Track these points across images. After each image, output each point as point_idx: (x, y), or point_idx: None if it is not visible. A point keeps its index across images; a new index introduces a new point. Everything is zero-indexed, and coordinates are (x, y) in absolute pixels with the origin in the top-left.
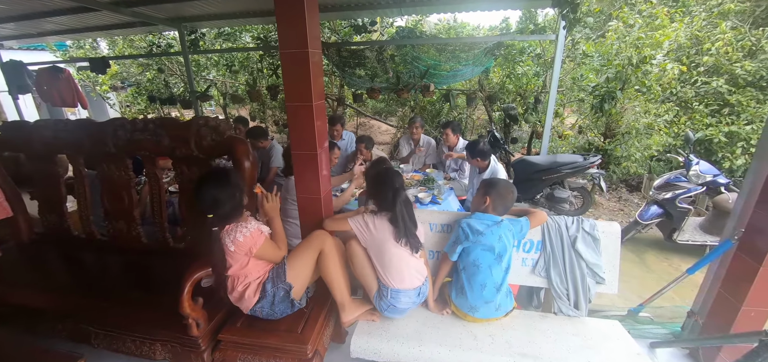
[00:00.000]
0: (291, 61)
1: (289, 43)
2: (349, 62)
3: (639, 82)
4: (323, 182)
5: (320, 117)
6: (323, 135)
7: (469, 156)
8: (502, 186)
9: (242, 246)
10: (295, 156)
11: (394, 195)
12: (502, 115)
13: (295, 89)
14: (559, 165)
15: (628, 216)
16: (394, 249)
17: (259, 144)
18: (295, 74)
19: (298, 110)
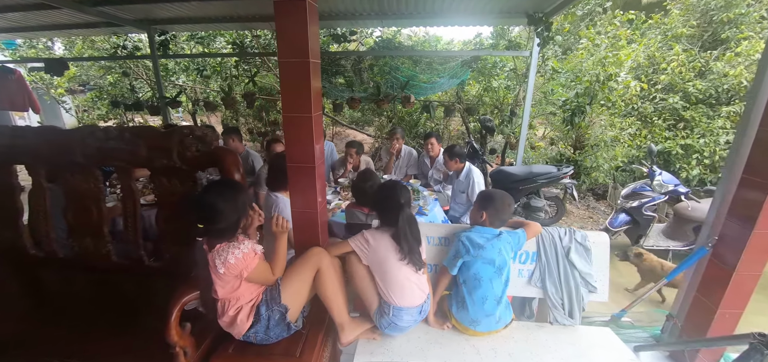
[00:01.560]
0: (291, 71)
1: (290, 52)
2: (328, 71)
3: (605, 97)
4: (320, 196)
5: (319, 129)
6: (320, 147)
7: (447, 158)
8: (498, 199)
9: (233, 269)
10: (292, 169)
11: (398, 211)
12: (478, 126)
13: (294, 100)
14: (535, 175)
15: (596, 223)
16: (397, 265)
17: (231, 143)
18: (294, 84)
19: (296, 122)
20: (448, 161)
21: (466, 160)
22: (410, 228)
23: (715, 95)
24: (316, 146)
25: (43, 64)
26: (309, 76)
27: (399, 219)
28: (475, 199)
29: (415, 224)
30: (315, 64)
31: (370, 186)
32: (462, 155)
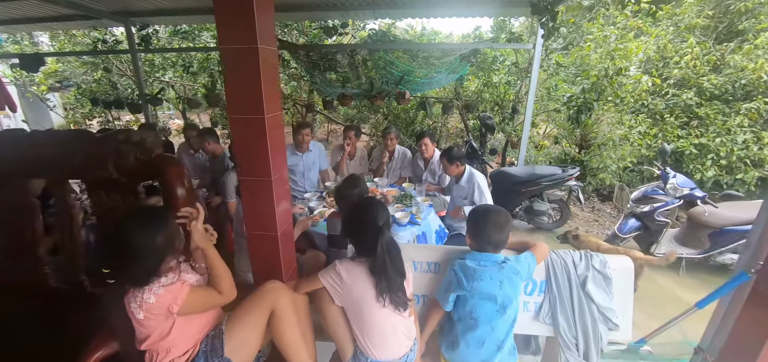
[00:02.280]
0: (235, 61)
1: (232, 37)
2: (319, 66)
3: (613, 93)
4: (281, 217)
5: (276, 133)
6: (280, 156)
7: (446, 163)
8: (481, 218)
9: (156, 308)
10: (244, 183)
11: (376, 236)
12: (477, 124)
13: (240, 97)
14: (538, 177)
15: (602, 226)
16: (377, 308)
17: (208, 146)
18: (240, 78)
19: (244, 125)
20: (448, 166)
21: (465, 162)
22: (391, 258)
23: (732, 91)
24: (272, 155)
25: (18, 60)
26: (258, 67)
27: (377, 246)
28: (466, 222)
29: (397, 253)
30: (268, 52)
31: (357, 193)
32: (462, 157)
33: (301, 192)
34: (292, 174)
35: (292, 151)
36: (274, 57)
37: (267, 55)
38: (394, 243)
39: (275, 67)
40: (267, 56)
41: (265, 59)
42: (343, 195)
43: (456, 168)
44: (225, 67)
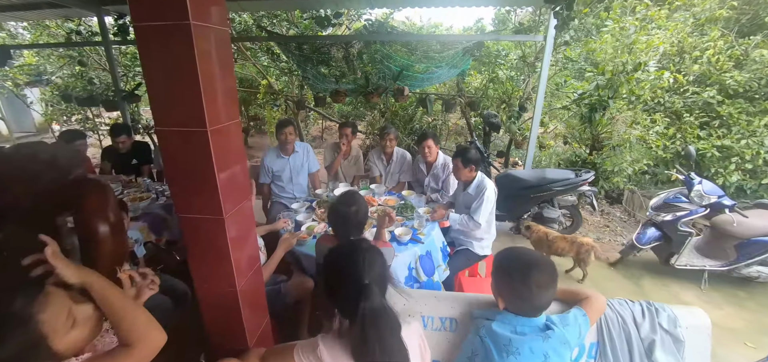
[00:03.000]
0: (155, 47)
1: (150, 9)
2: (312, 59)
3: (630, 90)
4: (245, 265)
5: (230, 150)
6: (239, 183)
7: (460, 165)
8: (534, 275)
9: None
10: (185, 222)
11: (357, 297)
12: (479, 122)
13: (167, 101)
14: (549, 182)
15: (614, 232)
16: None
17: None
18: (164, 73)
19: (177, 141)
20: (461, 169)
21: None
22: (379, 335)
23: (757, 88)
24: (221, 184)
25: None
26: (193, 55)
27: (358, 312)
28: (492, 272)
29: (389, 327)
30: (210, 34)
31: (354, 213)
32: (478, 162)
33: (290, 200)
34: (279, 180)
35: (276, 154)
36: (223, 41)
37: (207, 37)
38: (383, 312)
39: (226, 57)
40: (208, 39)
41: (203, 43)
42: (338, 215)
43: (469, 172)
44: (142, 56)
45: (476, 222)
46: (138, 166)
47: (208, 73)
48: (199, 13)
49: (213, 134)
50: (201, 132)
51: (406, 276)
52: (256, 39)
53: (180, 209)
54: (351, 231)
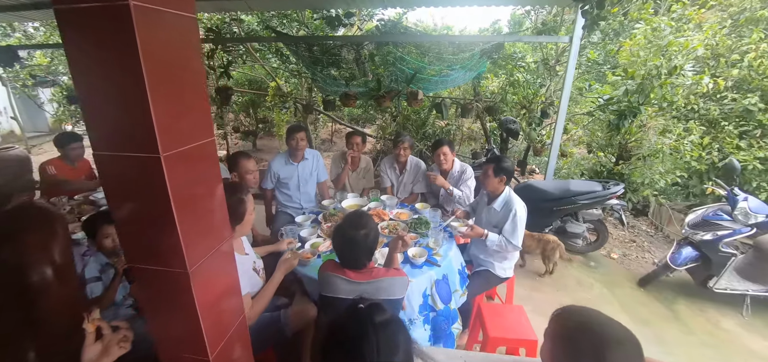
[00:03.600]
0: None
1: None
2: (322, 61)
3: (663, 96)
4: (224, 324)
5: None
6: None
7: (491, 174)
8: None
9: None
10: (137, 274)
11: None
12: (494, 127)
13: (103, 115)
14: (574, 194)
15: (641, 247)
16: None
17: None
18: (99, 73)
19: (119, 170)
20: (491, 178)
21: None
22: None
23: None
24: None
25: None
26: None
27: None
28: (550, 337)
29: None
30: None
31: (363, 237)
32: (510, 174)
33: (297, 210)
34: (286, 188)
35: (285, 159)
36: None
37: (159, 24)
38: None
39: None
40: (160, 27)
41: (152, 33)
42: (345, 239)
43: (499, 183)
44: (68, 54)
45: (515, 246)
46: None
47: (160, 76)
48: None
49: (169, 161)
50: (151, 159)
51: (420, 304)
52: (264, 40)
53: (131, 257)
54: (359, 258)
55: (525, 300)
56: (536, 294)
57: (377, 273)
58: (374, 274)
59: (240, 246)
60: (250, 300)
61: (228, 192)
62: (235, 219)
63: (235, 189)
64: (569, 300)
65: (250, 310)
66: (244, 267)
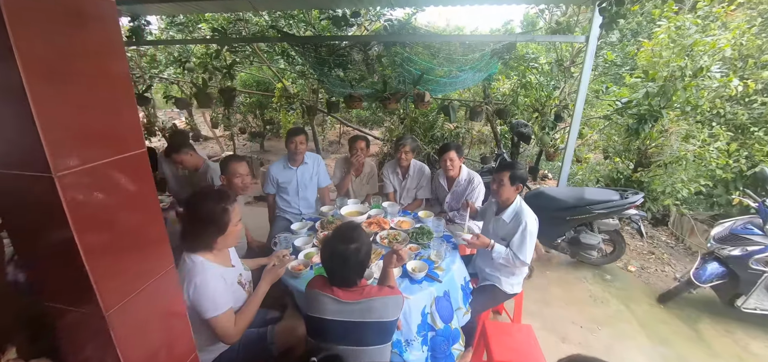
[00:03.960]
0: None
1: None
2: (329, 62)
3: (687, 100)
4: None
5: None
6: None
7: (506, 181)
8: None
9: None
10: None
11: None
12: (504, 131)
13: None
14: (589, 203)
15: (660, 260)
16: None
17: (178, 158)
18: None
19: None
20: (506, 186)
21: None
22: None
23: None
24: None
25: None
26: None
27: None
28: None
29: None
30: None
31: (354, 252)
32: (525, 182)
33: (296, 216)
34: (285, 193)
35: (284, 163)
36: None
37: (43, 7)
38: None
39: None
40: (44, 13)
41: (32, 19)
42: (335, 254)
43: (514, 192)
44: None
45: (523, 261)
46: None
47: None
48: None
49: (67, 181)
50: (40, 179)
51: (419, 324)
52: (270, 40)
53: (39, 292)
54: (348, 275)
55: (534, 316)
56: (546, 309)
57: (369, 292)
58: (365, 293)
59: (226, 258)
60: (233, 316)
61: (211, 201)
62: (218, 230)
63: (218, 197)
64: (581, 317)
65: (233, 327)
66: (228, 281)
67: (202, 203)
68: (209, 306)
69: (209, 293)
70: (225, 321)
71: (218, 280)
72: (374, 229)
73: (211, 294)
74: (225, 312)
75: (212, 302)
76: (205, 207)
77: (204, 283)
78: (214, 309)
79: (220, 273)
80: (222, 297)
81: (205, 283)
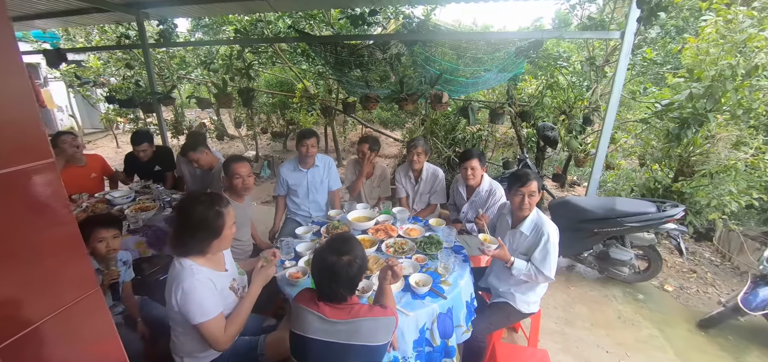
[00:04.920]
0: None
1: None
2: (349, 62)
3: (738, 102)
4: None
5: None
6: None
7: (538, 190)
8: None
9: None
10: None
11: None
12: (532, 133)
13: None
14: (621, 215)
15: (702, 279)
16: None
17: (193, 156)
18: None
19: None
20: (536, 198)
21: None
22: None
23: None
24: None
25: (43, 57)
26: None
27: None
28: None
29: None
30: None
31: (345, 266)
32: (541, 189)
33: (306, 219)
34: (295, 195)
35: (294, 166)
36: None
37: None
38: None
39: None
40: None
41: None
42: (322, 265)
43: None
44: None
45: (546, 277)
46: (162, 172)
47: None
48: None
49: None
50: None
51: (415, 340)
52: (289, 40)
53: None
54: (337, 290)
55: (554, 337)
56: (569, 329)
57: (358, 311)
58: (354, 313)
59: (218, 262)
60: (223, 322)
61: (203, 205)
62: (212, 235)
63: (210, 202)
64: (608, 340)
65: (222, 333)
66: (218, 286)
67: (194, 208)
68: (197, 311)
69: (197, 298)
70: (214, 326)
71: (207, 285)
72: (380, 236)
73: (199, 299)
74: (213, 317)
75: (200, 307)
76: (197, 212)
77: (191, 288)
78: (202, 315)
79: (209, 277)
80: (210, 302)
81: (193, 288)
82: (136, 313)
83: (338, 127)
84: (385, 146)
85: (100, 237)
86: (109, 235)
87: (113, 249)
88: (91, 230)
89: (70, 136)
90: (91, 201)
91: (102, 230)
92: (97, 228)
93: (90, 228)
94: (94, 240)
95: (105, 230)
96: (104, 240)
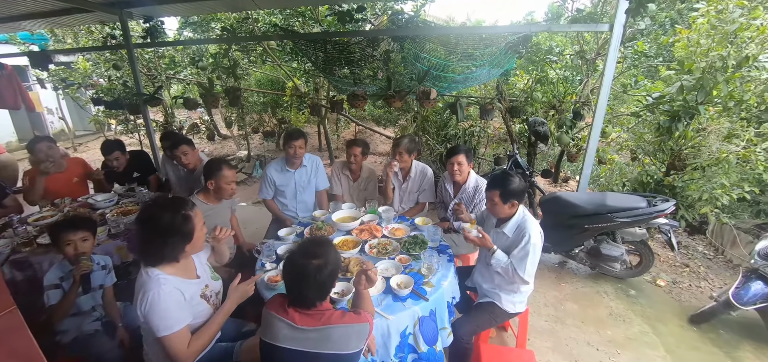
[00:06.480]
0: None
1: None
2: (338, 60)
3: (729, 94)
4: None
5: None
6: None
7: (499, 201)
8: None
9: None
10: None
11: None
12: (523, 129)
13: None
14: (612, 210)
15: (695, 273)
16: None
17: (176, 153)
18: None
19: None
20: (499, 206)
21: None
22: None
23: None
24: None
25: (28, 59)
26: None
27: None
28: None
29: None
30: None
31: (315, 270)
32: (521, 195)
33: (294, 219)
34: (282, 196)
35: (281, 166)
36: None
37: None
38: None
39: None
40: None
41: None
42: (293, 269)
43: (509, 208)
44: None
45: (522, 279)
46: (142, 177)
47: None
48: None
49: None
50: None
51: (397, 345)
52: (276, 37)
53: None
54: (306, 295)
55: (544, 336)
56: (559, 327)
57: (329, 317)
58: (325, 319)
59: (189, 269)
60: (187, 335)
61: (169, 211)
62: (184, 240)
63: (175, 206)
64: (598, 337)
65: (185, 348)
66: (187, 295)
67: (160, 216)
68: (160, 324)
69: (161, 309)
70: (177, 341)
71: (173, 295)
72: (365, 237)
73: (163, 311)
74: (177, 331)
75: (163, 319)
76: (164, 219)
77: (156, 299)
78: (166, 328)
79: (177, 286)
80: (175, 313)
81: (157, 299)
82: (117, 319)
83: (331, 125)
84: (379, 143)
85: (68, 240)
86: (76, 238)
87: (82, 252)
88: (59, 233)
89: (45, 145)
90: (73, 206)
91: (69, 233)
92: (63, 230)
93: (58, 231)
94: (63, 243)
95: (72, 233)
96: (71, 243)
